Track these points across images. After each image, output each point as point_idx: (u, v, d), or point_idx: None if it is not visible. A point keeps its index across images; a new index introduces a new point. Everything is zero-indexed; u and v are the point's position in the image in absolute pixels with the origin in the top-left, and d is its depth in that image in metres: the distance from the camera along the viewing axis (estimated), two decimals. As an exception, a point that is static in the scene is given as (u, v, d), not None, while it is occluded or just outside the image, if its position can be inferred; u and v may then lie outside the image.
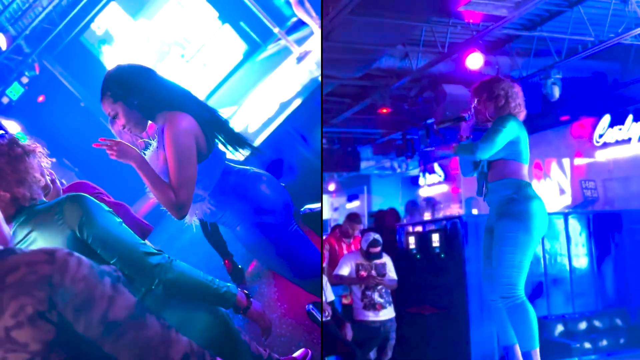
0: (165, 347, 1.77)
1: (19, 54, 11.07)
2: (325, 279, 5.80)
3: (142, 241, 2.43)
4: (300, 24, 8.76)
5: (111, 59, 11.66)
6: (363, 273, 5.92)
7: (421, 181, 13.50)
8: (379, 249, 6.04)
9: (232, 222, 3.11)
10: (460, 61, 7.33)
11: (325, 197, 16.51)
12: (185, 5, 11.78)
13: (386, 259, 6.18)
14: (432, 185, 13.29)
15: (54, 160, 2.66)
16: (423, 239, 7.02)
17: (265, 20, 8.97)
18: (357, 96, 9.72)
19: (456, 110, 6.62)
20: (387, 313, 5.93)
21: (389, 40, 6.89)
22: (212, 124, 2.99)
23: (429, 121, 9.70)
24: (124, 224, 2.44)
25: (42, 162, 2.55)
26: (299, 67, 7.27)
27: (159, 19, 11.76)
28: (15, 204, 2.39)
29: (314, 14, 6.97)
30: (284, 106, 6.39)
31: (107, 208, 2.44)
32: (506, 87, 3.80)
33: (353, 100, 9.72)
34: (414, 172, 14.68)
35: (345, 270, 5.98)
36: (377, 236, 6.11)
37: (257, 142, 5.81)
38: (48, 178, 2.58)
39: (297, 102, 6.30)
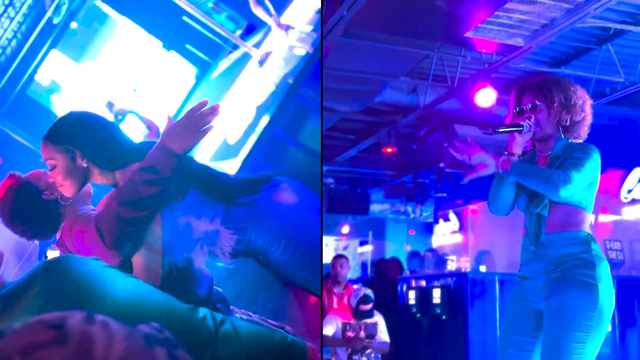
0: None
1: (-33, 117, 10.88)
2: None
3: None
4: (252, 28, 8.60)
5: (62, 107, 11.49)
6: (350, 334, 5.28)
7: (435, 229, 12.79)
8: (369, 306, 5.40)
9: (265, 244, 2.59)
10: (471, 98, 6.71)
11: (332, 238, 16.15)
12: (127, 40, 11.75)
13: (378, 318, 5.60)
14: (447, 234, 12.59)
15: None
16: (424, 296, 6.62)
17: (218, 30, 8.80)
18: (361, 133, 9.20)
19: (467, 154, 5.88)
20: (376, 381, 5.37)
21: (390, 69, 6.34)
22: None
23: (442, 164, 9.12)
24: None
25: None
26: (263, 69, 6.88)
27: (103, 59, 11.80)
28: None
29: (273, 11, 6.68)
30: (261, 109, 5.97)
31: None
32: (584, 96, 2.71)
33: (357, 137, 9.25)
34: (430, 218, 14.08)
35: (329, 329, 5.38)
36: (369, 292, 5.49)
37: (246, 150, 5.40)
38: None
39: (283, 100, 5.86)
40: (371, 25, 5.43)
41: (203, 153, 6.56)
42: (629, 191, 8.34)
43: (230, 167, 5.26)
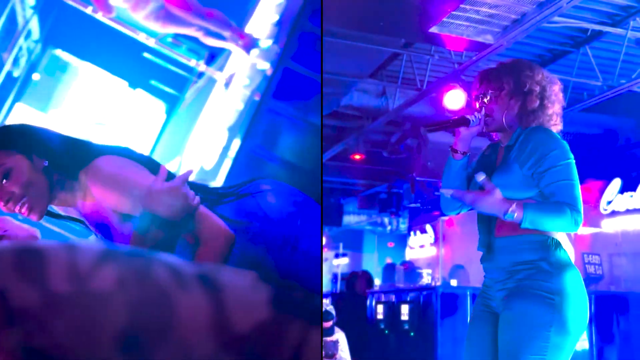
0: None
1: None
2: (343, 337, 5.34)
3: None
4: (213, 57, 8.63)
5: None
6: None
7: (409, 242, 12.43)
8: (330, 323, 5.25)
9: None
10: (442, 101, 6.40)
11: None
12: (92, 84, 11.70)
13: (339, 336, 5.39)
14: (427, 246, 12.25)
15: None
16: (392, 311, 6.50)
17: (181, 60, 8.73)
18: (328, 139, 8.87)
19: (440, 161, 5.68)
20: (335, 402, 5.17)
21: (354, 69, 6.03)
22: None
23: (414, 173, 8.80)
24: None
25: None
26: (230, 91, 6.74)
27: (70, 106, 11.73)
28: None
29: (226, 34, 6.44)
30: (233, 130, 5.79)
31: None
32: (543, 81, 2.33)
33: (325, 144, 8.92)
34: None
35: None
36: (330, 308, 5.36)
37: (224, 173, 5.30)
38: None
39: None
40: (330, 19, 5.10)
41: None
42: (609, 202, 8.06)
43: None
